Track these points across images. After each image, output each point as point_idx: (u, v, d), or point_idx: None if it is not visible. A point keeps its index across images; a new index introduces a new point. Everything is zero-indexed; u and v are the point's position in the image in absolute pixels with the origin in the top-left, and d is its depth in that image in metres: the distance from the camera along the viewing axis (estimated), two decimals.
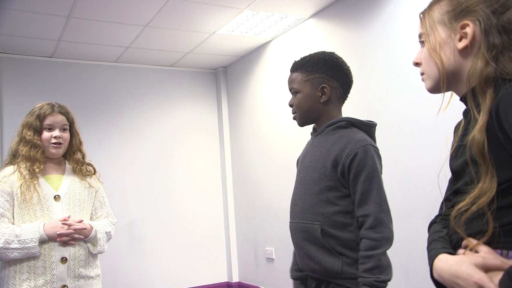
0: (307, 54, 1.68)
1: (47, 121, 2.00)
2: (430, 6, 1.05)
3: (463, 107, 1.03)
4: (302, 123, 1.68)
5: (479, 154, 0.88)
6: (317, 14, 3.70)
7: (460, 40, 0.97)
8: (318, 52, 1.67)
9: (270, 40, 4.28)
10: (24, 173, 1.93)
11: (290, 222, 1.64)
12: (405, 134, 2.92)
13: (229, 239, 4.89)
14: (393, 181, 2.90)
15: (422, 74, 1.07)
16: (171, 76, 4.93)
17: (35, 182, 1.93)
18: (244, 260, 4.80)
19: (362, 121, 1.60)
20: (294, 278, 1.70)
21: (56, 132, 2.01)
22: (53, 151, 2.01)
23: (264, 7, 3.50)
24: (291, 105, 1.67)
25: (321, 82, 1.59)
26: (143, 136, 4.70)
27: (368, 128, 1.60)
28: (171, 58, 4.66)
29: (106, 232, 2.07)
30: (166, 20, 3.64)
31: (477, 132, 0.89)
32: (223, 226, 4.98)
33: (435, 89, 1.04)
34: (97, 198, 2.14)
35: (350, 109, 3.54)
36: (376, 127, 1.66)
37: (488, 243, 0.89)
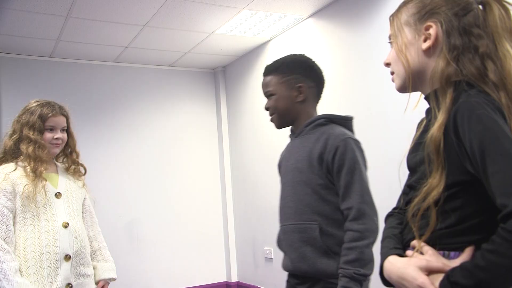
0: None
1: (50, 122, 1.98)
2: (399, 9, 1.09)
3: None
4: (280, 125, 1.71)
5: (434, 151, 0.93)
6: (316, 13, 3.70)
7: (425, 41, 1.01)
8: (290, 55, 1.71)
9: (269, 40, 4.28)
10: (29, 173, 1.90)
11: (282, 225, 1.64)
12: (405, 133, 2.91)
13: (227, 239, 4.89)
14: (392, 181, 2.90)
15: (392, 73, 1.12)
16: (170, 76, 4.93)
17: (44, 183, 1.91)
18: (243, 260, 4.80)
19: (339, 116, 1.63)
20: None
21: (58, 134, 2.00)
22: (54, 150, 2.00)
23: (262, 6, 3.50)
24: (267, 109, 1.69)
25: (297, 82, 1.62)
26: (142, 135, 4.70)
27: (346, 122, 1.63)
28: (170, 58, 4.66)
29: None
30: (165, 20, 3.64)
31: (435, 129, 0.93)
32: (222, 226, 4.98)
33: (403, 88, 1.09)
34: (87, 199, 2.13)
35: (349, 108, 3.53)
36: (354, 121, 1.69)
37: (433, 244, 0.96)
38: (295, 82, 1.62)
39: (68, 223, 1.92)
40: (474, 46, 0.97)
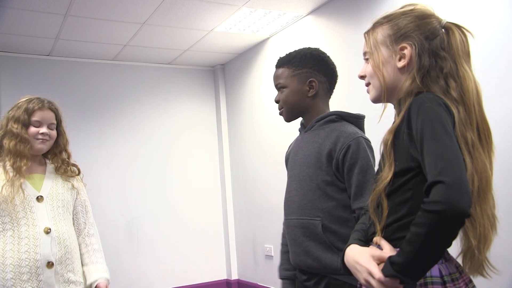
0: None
1: (36, 117, 1.86)
2: (373, 28, 1.21)
3: None
4: (289, 118, 1.68)
5: (385, 148, 1.09)
6: (315, 11, 3.70)
7: (400, 60, 1.14)
8: (304, 48, 1.68)
9: (268, 38, 4.28)
10: (8, 169, 1.77)
11: (286, 219, 1.64)
12: None
13: (228, 237, 4.90)
14: None
15: (367, 85, 1.23)
16: (169, 74, 4.93)
17: (21, 181, 1.78)
18: (243, 258, 4.80)
19: (351, 114, 1.61)
20: (283, 277, 1.69)
21: (44, 129, 1.86)
22: (39, 146, 1.86)
23: (261, 4, 3.50)
24: (277, 101, 1.67)
25: (309, 76, 1.61)
26: (141, 134, 4.70)
27: (357, 120, 1.62)
28: (169, 56, 4.65)
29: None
30: (164, 18, 3.64)
31: (387, 132, 1.10)
32: (222, 224, 4.98)
33: (377, 99, 1.21)
34: (79, 200, 1.98)
35: (347, 106, 3.53)
36: (365, 119, 1.67)
37: (391, 240, 1.07)
38: (306, 77, 1.60)
39: (50, 229, 1.80)
40: (439, 67, 1.10)
